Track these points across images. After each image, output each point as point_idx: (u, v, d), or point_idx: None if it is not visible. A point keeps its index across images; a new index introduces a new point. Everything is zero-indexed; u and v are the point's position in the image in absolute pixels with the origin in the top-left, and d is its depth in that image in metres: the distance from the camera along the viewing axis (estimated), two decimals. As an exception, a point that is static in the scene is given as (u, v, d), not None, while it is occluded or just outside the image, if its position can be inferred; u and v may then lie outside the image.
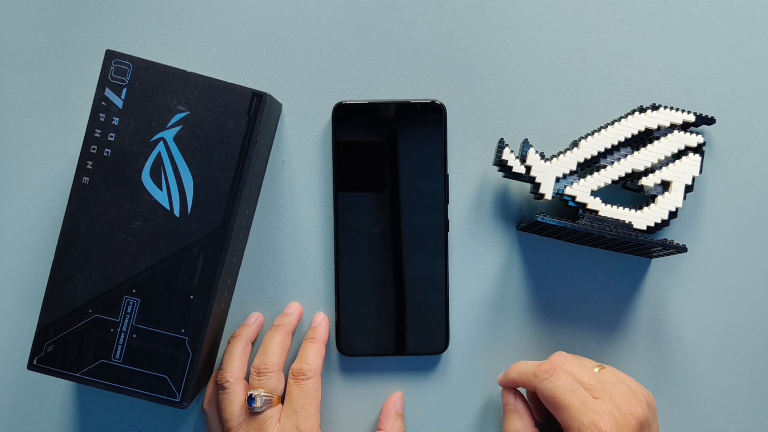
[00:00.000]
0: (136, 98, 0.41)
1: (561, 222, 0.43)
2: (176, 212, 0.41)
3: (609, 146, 0.45)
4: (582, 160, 0.45)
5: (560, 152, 0.45)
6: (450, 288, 0.47)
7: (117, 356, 0.41)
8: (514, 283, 0.48)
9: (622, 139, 0.45)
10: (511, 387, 0.44)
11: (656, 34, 0.48)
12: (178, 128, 0.41)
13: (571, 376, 0.41)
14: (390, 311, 0.46)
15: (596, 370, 0.42)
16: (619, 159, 0.45)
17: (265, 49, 0.47)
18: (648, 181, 0.45)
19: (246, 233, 0.46)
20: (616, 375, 0.42)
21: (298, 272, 0.47)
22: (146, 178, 0.41)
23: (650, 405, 0.41)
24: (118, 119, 0.41)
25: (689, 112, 0.46)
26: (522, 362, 0.44)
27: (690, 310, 0.48)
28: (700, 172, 0.45)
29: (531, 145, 0.45)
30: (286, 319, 0.46)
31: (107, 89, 0.41)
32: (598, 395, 0.40)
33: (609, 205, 0.45)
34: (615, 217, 0.45)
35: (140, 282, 0.41)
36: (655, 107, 0.46)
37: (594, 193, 0.45)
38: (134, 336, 0.41)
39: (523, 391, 0.45)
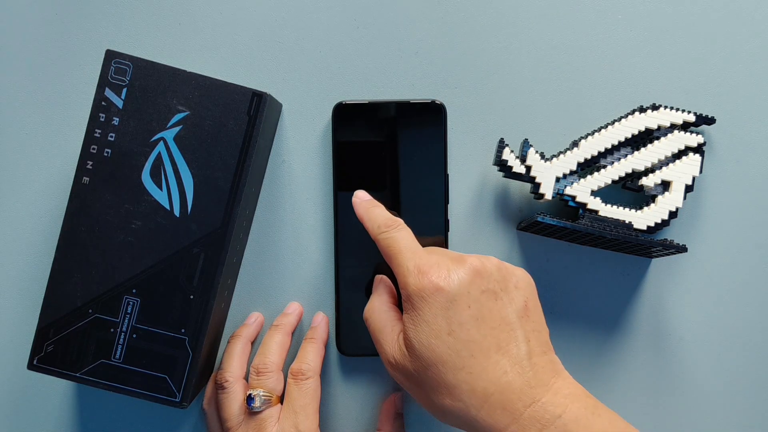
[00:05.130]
0: (136, 98, 0.41)
1: (561, 222, 0.43)
2: (176, 212, 0.41)
3: (609, 146, 0.45)
4: (582, 160, 0.45)
5: (560, 152, 0.45)
6: (450, 288, 0.47)
7: (117, 356, 0.41)
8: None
9: (622, 139, 0.45)
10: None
11: (656, 34, 0.48)
12: (178, 128, 0.41)
13: (412, 235, 0.39)
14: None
15: None
16: (619, 159, 0.45)
17: (265, 49, 0.47)
18: (648, 181, 0.45)
19: (246, 233, 0.46)
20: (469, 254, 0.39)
21: (298, 272, 0.47)
22: (146, 178, 0.41)
23: (504, 269, 0.37)
24: (118, 119, 0.41)
25: (689, 112, 0.46)
26: (380, 210, 0.42)
27: (690, 310, 0.48)
28: (700, 172, 0.45)
29: (531, 145, 0.45)
30: (285, 319, 0.46)
31: (107, 89, 0.41)
32: (433, 251, 0.38)
33: (609, 205, 0.45)
34: (615, 217, 0.45)
35: (140, 282, 0.41)
36: (655, 107, 0.46)
37: (594, 193, 0.45)
38: (134, 336, 0.41)
39: None
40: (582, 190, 0.45)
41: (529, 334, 0.36)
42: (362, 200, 0.43)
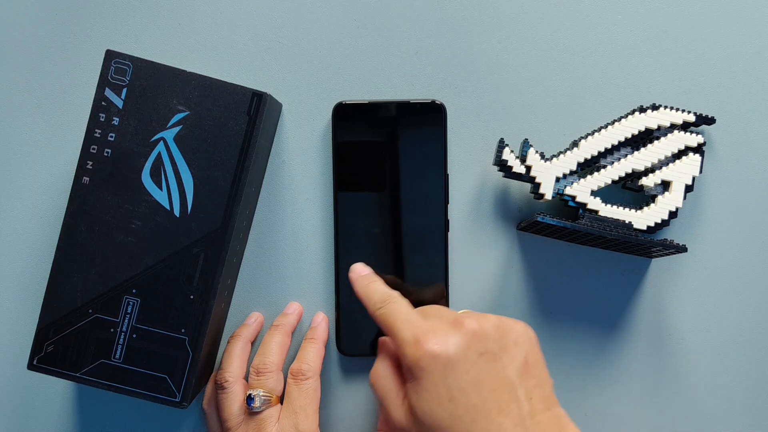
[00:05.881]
0: (136, 98, 0.41)
1: (561, 222, 0.43)
2: (176, 212, 0.41)
3: (609, 146, 0.45)
4: (582, 160, 0.45)
5: (560, 152, 0.45)
6: (450, 288, 0.47)
7: (117, 356, 0.41)
8: (514, 283, 0.48)
9: (622, 139, 0.45)
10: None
11: (656, 34, 0.48)
12: (178, 128, 0.41)
13: (409, 305, 0.39)
14: (390, 311, 0.46)
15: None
16: (619, 159, 0.45)
17: (265, 49, 0.47)
18: (648, 181, 0.45)
19: (246, 233, 0.46)
20: (469, 311, 0.39)
21: (298, 272, 0.47)
22: (146, 178, 0.41)
23: (502, 326, 0.36)
24: (118, 119, 0.41)
25: (689, 112, 0.46)
26: (377, 285, 0.41)
27: (690, 310, 0.48)
28: (700, 172, 0.45)
29: (531, 145, 0.45)
30: (285, 319, 0.46)
31: (107, 89, 0.41)
32: (432, 317, 0.37)
33: (609, 205, 0.45)
34: (615, 217, 0.45)
35: (140, 282, 0.41)
36: (655, 107, 0.46)
37: (594, 193, 0.45)
38: (134, 336, 0.41)
39: None
40: (582, 190, 0.45)
41: (531, 391, 0.35)
42: (359, 275, 0.43)
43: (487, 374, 0.35)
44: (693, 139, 0.45)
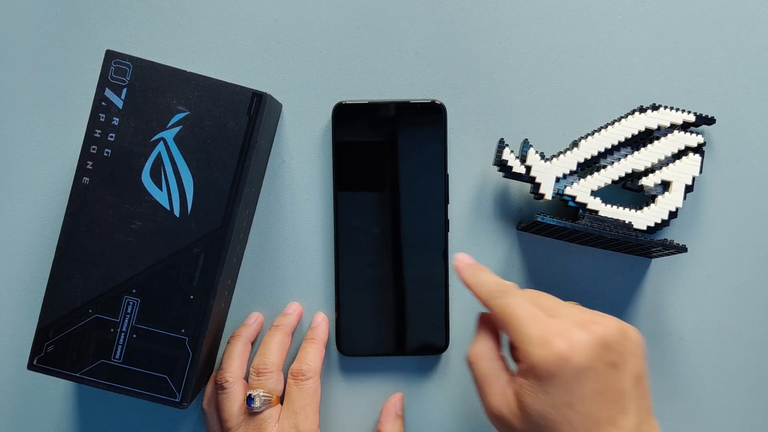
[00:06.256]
0: (136, 98, 0.41)
1: (561, 222, 0.43)
2: (176, 212, 0.41)
3: (609, 146, 0.45)
4: (582, 160, 0.45)
5: (560, 152, 0.45)
6: (450, 288, 0.47)
7: (117, 356, 0.41)
8: (514, 282, 0.48)
9: (622, 139, 0.45)
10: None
11: (656, 34, 0.48)
12: (178, 128, 0.41)
13: (529, 297, 0.38)
14: (390, 311, 0.46)
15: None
16: (619, 159, 0.45)
17: (265, 49, 0.47)
18: (648, 181, 0.45)
19: (246, 233, 0.46)
20: (588, 310, 0.38)
21: (298, 272, 0.47)
22: (146, 178, 0.41)
23: (626, 334, 0.36)
24: (118, 119, 0.41)
25: (689, 112, 0.46)
26: (487, 275, 0.40)
27: (690, 310, 0.48)
28: (700, 172, 0.45)
29: (531, 145, 0.45)
30: (285, 320, 0.46)
31: (107, 89, 0.41)
32: (555, 314, 0.36)
33: (609, 205, 0.45)
34: (615, 217, 0.45)
35: (140, 282, 0.41)
36: (655, 107, 0.46)
37: (594, 193, 0.45)
38: (134, 336, 0.41)
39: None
40: (582, 190, 0.45)
41: (640, 403, 0.35)
42: (466, 264, 0.41)
43: (608, 385, 0.34)
44: (693, 139, 0.45)
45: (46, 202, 0.47)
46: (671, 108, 0.46)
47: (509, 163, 0.44)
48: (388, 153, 0.46)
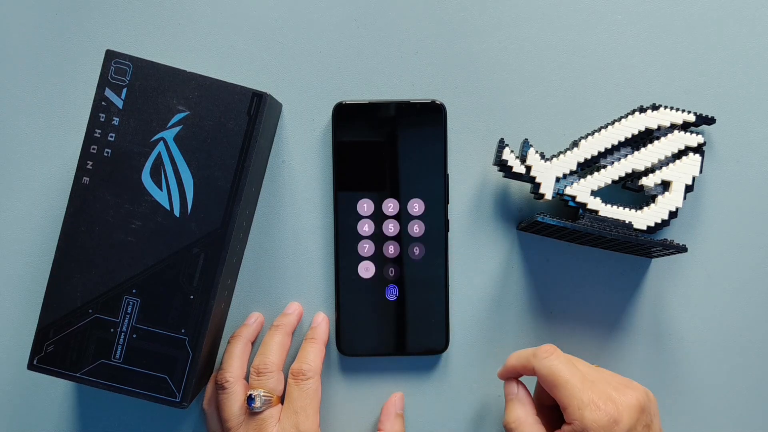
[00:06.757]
0: (136, 98, 0.41)
1: (561, 222, 0.43)
2: (176, 212, 0.41)
3: (609, 146, 0.45)
4: (582, 160, 0.45)
5: (560, 152, 0.45)
6: (450, 288, 0.47)
7: (117, 356, 0.41)
8: (514, 283, 0.48)
9: (622, 139, 0.45)
10: (512, 377, 0.44)
11: (656, 34, 0.48)
12: (178, 128, 0.41)
13: (568, 360, 0.41)
14: (390, 311, 0.46)
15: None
16: (619, 159, 0.45)
17: (265, 49, 0.47)
18: (648, 181, 0.45)
19: (246, 233, 0.46)
20: (610, 372, 0.43)
21: (298, 272, 0.47)
22: (146, 178, 0.41)
23: (650, 397, 0.41)
24: (118, 119, 0.41)
25: (689, 112, 0.46)
26: (519, 351, 0.44)
27: (690, 310, 0.48)
28: (700, 172, 0.45)
29: (531, 145, 0.45)
30: (285, 319, 0.46)
31: (107, 89, 0.41)
32: (591, 378, 0.40)
33: (609, 205, 0.45)
34: (615, 217, 0.45)
35: (140, 282, 0.41)
36: (655, 107, 0.46)
37: (594, 193, 0.45)
38: (134, 336, 0.41)
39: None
40: (582, 190, 0.45)
41: None
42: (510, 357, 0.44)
43: None
44: (693, 139, 0.45)
45: (46, 202, 0.47)
46: (671, 108, 0.46)
47: (509, 163, 0.44)
48: (388, 153, 0.46)
